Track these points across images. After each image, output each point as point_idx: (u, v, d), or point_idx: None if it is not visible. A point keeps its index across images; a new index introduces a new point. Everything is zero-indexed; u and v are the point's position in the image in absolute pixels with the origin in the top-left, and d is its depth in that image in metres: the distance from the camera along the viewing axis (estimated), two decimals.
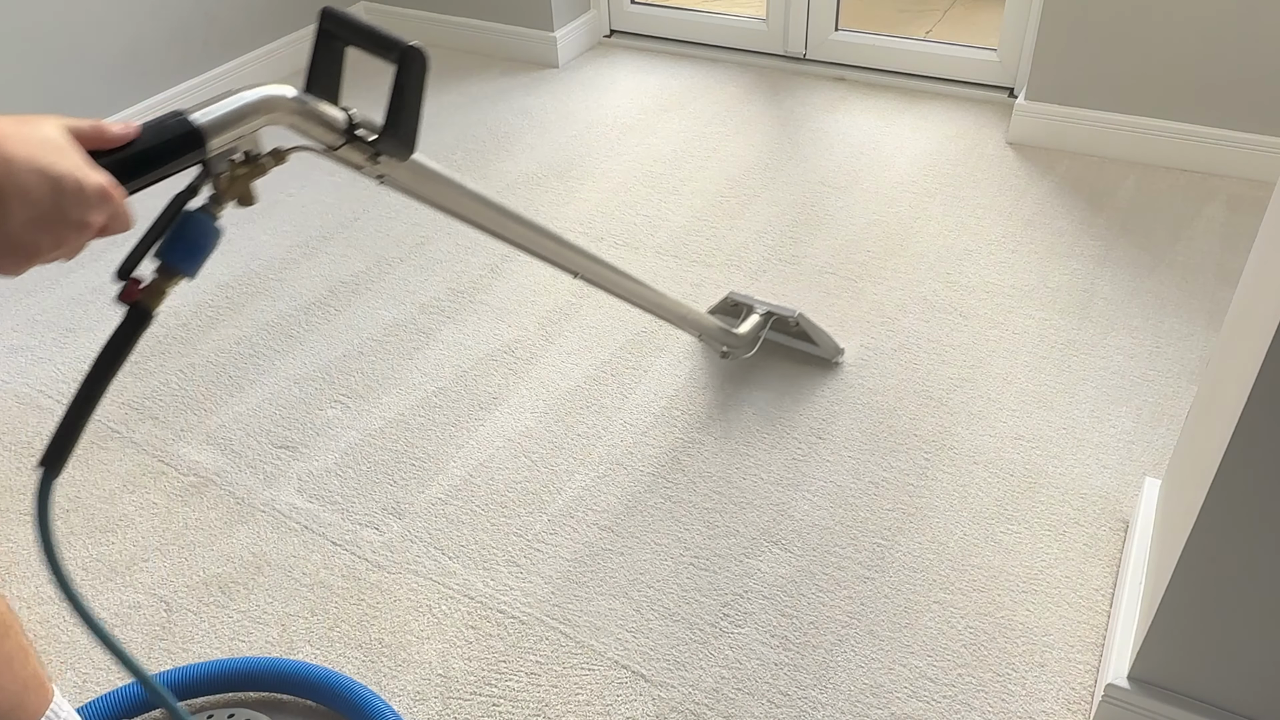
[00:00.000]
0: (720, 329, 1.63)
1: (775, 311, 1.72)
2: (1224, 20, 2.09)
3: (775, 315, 1.72)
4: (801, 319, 1.69)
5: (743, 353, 1.71)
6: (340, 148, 0.95)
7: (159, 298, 0.77)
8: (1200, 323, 1.82)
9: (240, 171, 0.84)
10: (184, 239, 0.79)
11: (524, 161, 2.45)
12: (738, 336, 1.67)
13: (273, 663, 1.25)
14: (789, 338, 1.77)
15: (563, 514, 1.50)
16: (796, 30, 2.81)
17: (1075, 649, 1.28)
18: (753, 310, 1.74)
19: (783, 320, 1.73)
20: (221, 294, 2.01)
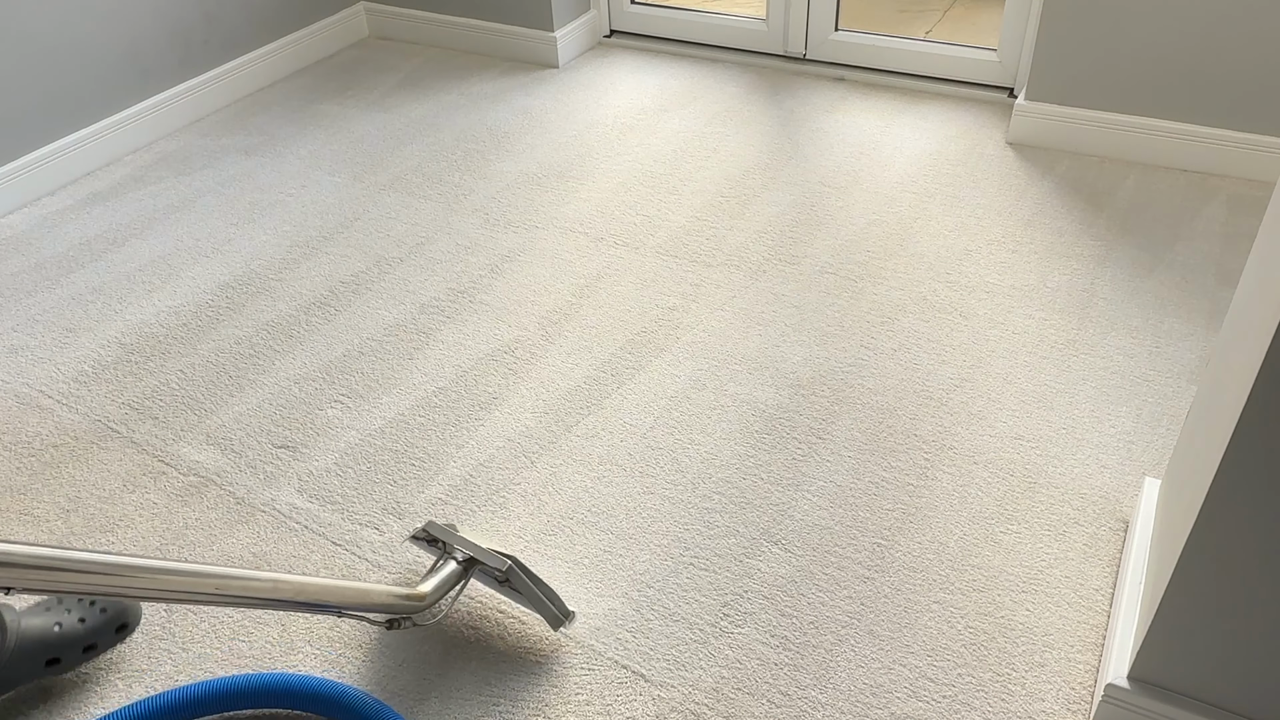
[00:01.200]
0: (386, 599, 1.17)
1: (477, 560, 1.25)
2: (1224, 20, 2.09)
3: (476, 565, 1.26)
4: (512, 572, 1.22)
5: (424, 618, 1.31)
6: None
7: None
8: (1200, 323, 1.82)
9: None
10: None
11: (524, 161, 2.45)
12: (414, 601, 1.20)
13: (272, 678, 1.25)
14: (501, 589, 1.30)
15: (562, 514, 1.50)
16: (796, 30, 2.82)
17: (1075, 649, 1.28)
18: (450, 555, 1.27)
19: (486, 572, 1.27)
20: (221, 294, 2.02)
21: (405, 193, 2.34)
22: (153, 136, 2.61)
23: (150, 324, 1.94)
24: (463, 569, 1.26)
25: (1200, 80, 2.18)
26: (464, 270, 2.06)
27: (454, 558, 1.26)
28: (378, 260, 2.10)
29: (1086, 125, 2.34)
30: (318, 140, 2.59)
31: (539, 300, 1.96)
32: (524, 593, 1.24)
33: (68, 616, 1.25)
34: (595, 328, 1.88)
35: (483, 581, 1.34)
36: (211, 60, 2.73)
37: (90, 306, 1.99)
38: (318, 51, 3.04)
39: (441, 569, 1.25)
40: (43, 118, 2.34)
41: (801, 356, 1.79)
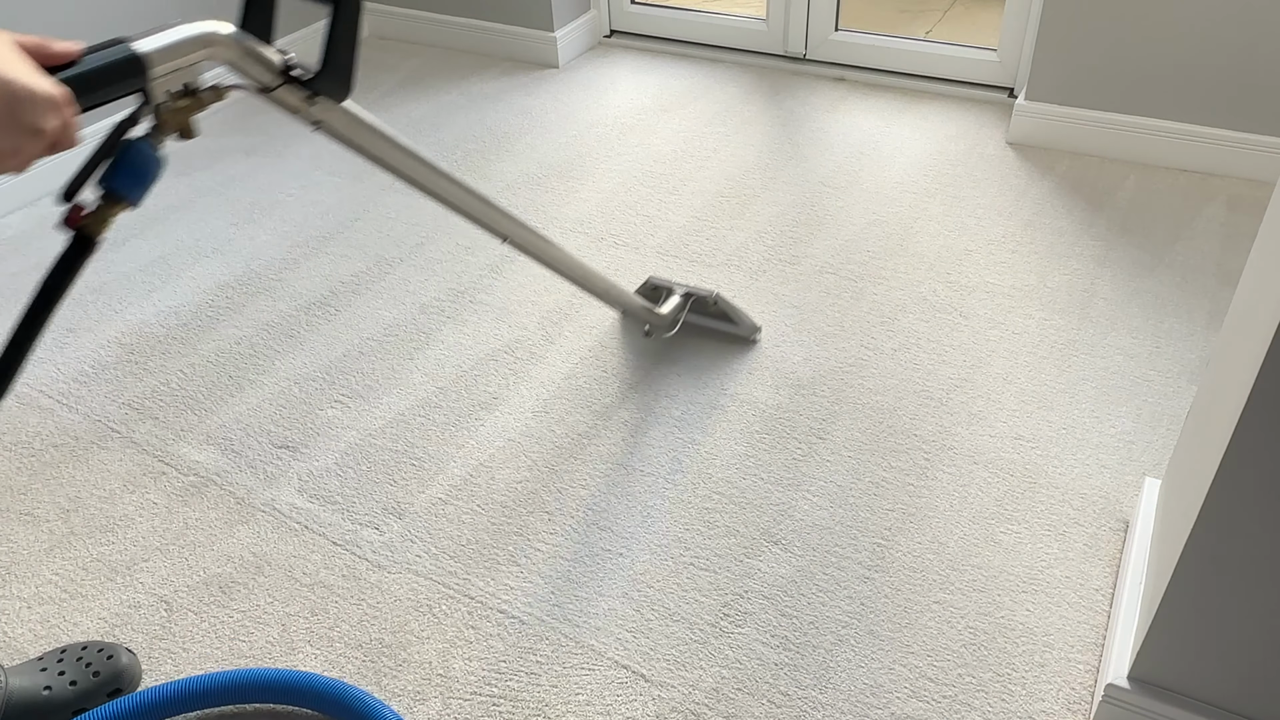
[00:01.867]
0: (642, 306, 1.69)
1: (694, 293, 1.78)
2: (1224, 20, 2.09)
3: (695, 296, 1.78)
4: (719, 299, 1.76)
5: (663, 332, 1.80)
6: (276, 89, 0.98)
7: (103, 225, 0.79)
8: (1200, 323, 1.82)
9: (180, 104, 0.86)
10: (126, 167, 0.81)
11: (524, 161, 2.45)
12: (660, 315, 1.74)
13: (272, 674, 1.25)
14: (709, 318, 1.84)
15: (562, 514, 1.50)
16: (796, 30, 2.82)
17: (1075, 649, 1.28)
18: (673, 292, 1.80)
19: (702, 301, 1.79)
20: (221, 294, 2.02)
21: (405, 193, 2.34)
22: None
23: (150, 324, 1.94)
24: (683, 299, 1.80)
25: (1200, 80, 2.18)
26: (464, 270, 2.06)
27: (676, 294, 1.80)
28: (378, 260, 2.11)
29: (1086, 125, 2.34)
30: (318, 140, 2.59)
31: (539, 300, 1.96)
32: (729, 312, 1.78)
33: (58, 680, 1.19)
34: (595, 328, 1.88)
35: (696, 310, 1.84)
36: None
37: (90, 306, 1.99)
38: (318, 52, 3.04)
39: (669, 301, 1.78)
40: None
41: (801, 356, 1.79)
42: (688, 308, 1.82)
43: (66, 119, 0.69)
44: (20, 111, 0.65)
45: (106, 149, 0.81)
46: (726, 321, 1.82)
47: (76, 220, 0.78)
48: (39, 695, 1.18)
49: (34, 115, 0.66)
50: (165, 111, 0.85)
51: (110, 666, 1.23)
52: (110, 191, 0.81)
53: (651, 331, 1.79)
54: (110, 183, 0.81)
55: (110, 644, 1.27)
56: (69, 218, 0.78)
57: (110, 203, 0.80)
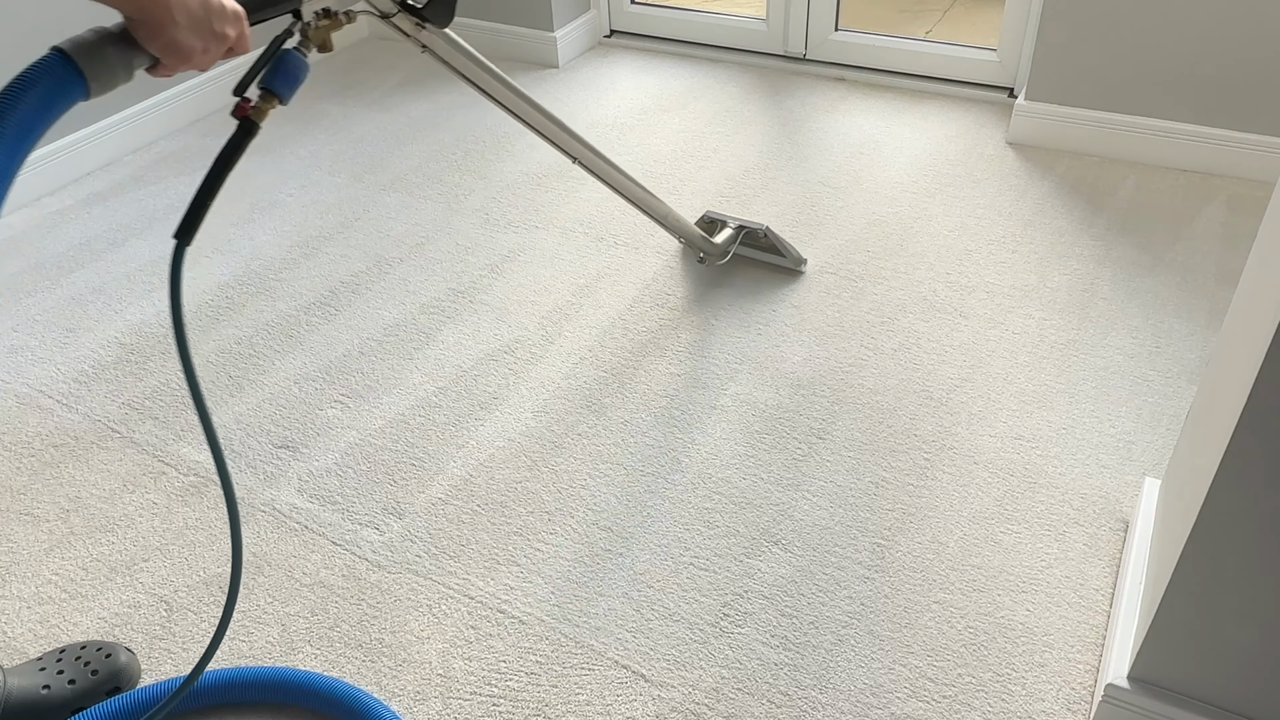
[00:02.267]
0: (699, 235, 1.84)
1: (746, 226, 1.93)
2: (1224, 20, 2.09)
3: (746, 229, 1.94)
4: (769, 231, 1.91)
5: (716, 260, 1.95)
6: (394, 15, 1.22)
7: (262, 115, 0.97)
8: (1200, 323, 1.82)
9: (323, 23, 1.08)
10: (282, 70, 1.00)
11: (524, 161, 2.45)
12: (714, 244, 1.90)
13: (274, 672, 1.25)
14: (758, 251, 2.00)
15: (563, 514, 1.50)
16: (796, 30, 2.82)
17: (1075, 649, 1.28)
18: (726, 225, 1.96)
19: (753, 233, 1.94)
20: (221, 294, 2.02)
21: (405, 193, 2.34)
22: (153, 136, 2.61)
23: (150, 324, 1.94)
24: (735, 231, 1.96)
25: (1200, 80, 2.18)
26: (464, 270, 2.06)
27: (730, 226, 1.97)
28: (378, 260, 2.11)
29: (1086, 125, 2.34)
30: (318, 140, 2.59)
31: (539, 300, 1.96)
32: (777, 244, 1.93)
33: (57, 679, 1.20)
34: (595, 327, 1.88)
35: (747, 242, 2.00)
36: None
37: (90, 306, 1.99)
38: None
39: (723, 232, 1.96)
40: None
41: (801, 356, 1.79)
42: (740, 239, 1.96)
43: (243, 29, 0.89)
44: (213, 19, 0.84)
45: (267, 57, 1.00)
46: (775, 254, 1.97)
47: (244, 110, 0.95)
48: (38, 694, 1.18)
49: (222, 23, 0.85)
50: (311, 29, 1.06)
51: (109, 665, 1.23)
52: (268, 90, 0.99)
53: (705, 259, 1.93)
54: (269, 83, 0.99)
55: (109, 643, 1.27)
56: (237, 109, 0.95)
57: (268, 98, 0.98)
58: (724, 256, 1.94)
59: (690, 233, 1.82)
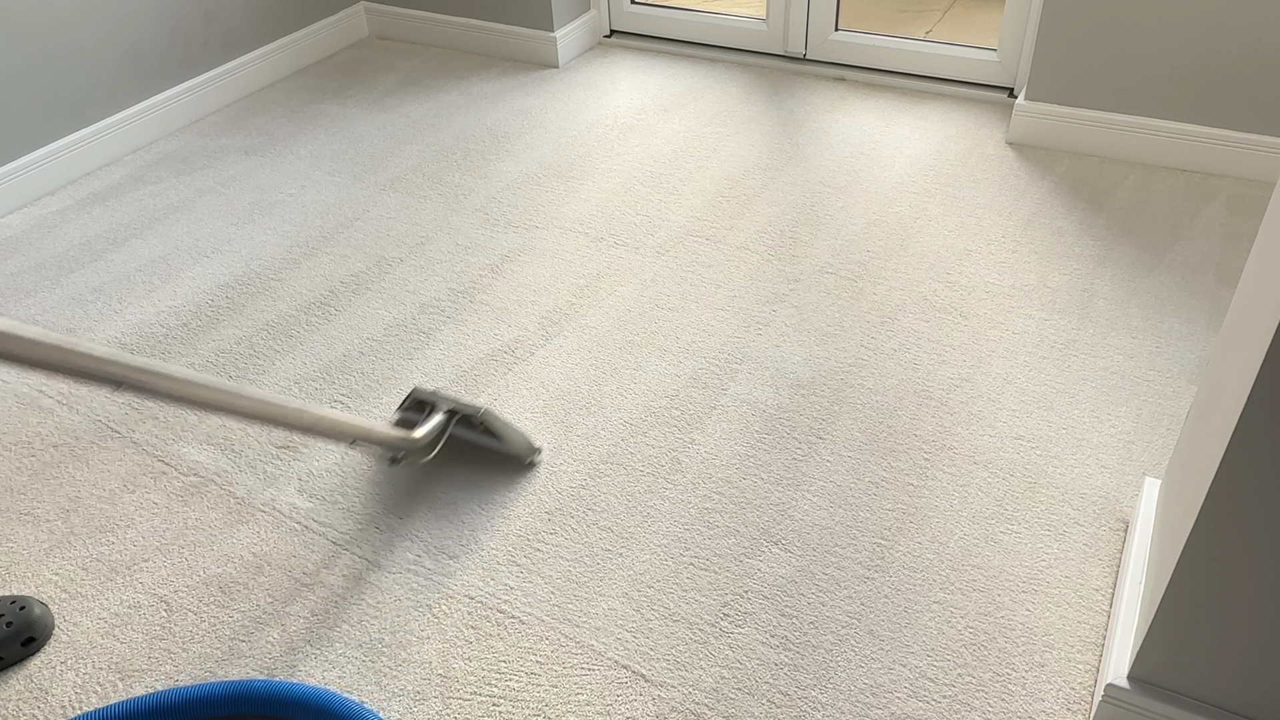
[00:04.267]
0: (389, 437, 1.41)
1: (459, 410, 1.53)
2: (1224, 20, 2.09)
3: (459, 414, 1.54)
4: (487, 415, 1.52)
5: (419, 457, 1.53)
6: None
7: None
8: (1200, 323, 1.82)
9: None
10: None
11: (524, 161, 2.45)
12: (411, 441, 1.46)
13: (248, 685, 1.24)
14: (478, 434, 1.58)
15: (563, 514, 1.50)
16: (796, 30, 2.82)
17: (1075, 649, 1.28)
18: (435, 408, 1.54)
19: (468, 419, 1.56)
20: (221, 294, 2.02)
21: (405, 193, 2.34)
22: (153, 136, 2.61)
23: (150, 324, 1.94)
24: (447, 418, 1.54)
25: (1200, 80, 2.18)
26: (464, 270, 2.06)
27: (440, 410, 1.54)
28: (378, 260, 2.11)
29: (1086, 125, 2.34)
30: (318, 140, 2.59)
31: (539, 300, 1.96)
32: (497, 431, 1.54)
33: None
34: (595, 328, 1.88)
35: (462, 430, 1.59)
36: (211, 60, 2.73)
37: (90, 306, 1.99)
38: (318, 51, 3.04)
39: (430, 420, 1.52)
40: (43, 118, 2.34)
41: (801, 356, 1.79)
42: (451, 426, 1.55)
43: None
44: None
45: None
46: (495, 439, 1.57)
47: None
48: None
49: None
50: None
51: (22, 617, 1.32)
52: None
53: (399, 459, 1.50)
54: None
55: (23, 596, 1.35)
56: None
57: None
58: (429, 452, 1.52)
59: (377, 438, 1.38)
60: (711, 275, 2.01)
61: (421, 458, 1.53)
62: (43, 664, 1.31)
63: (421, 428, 1.50)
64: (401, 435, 1.44)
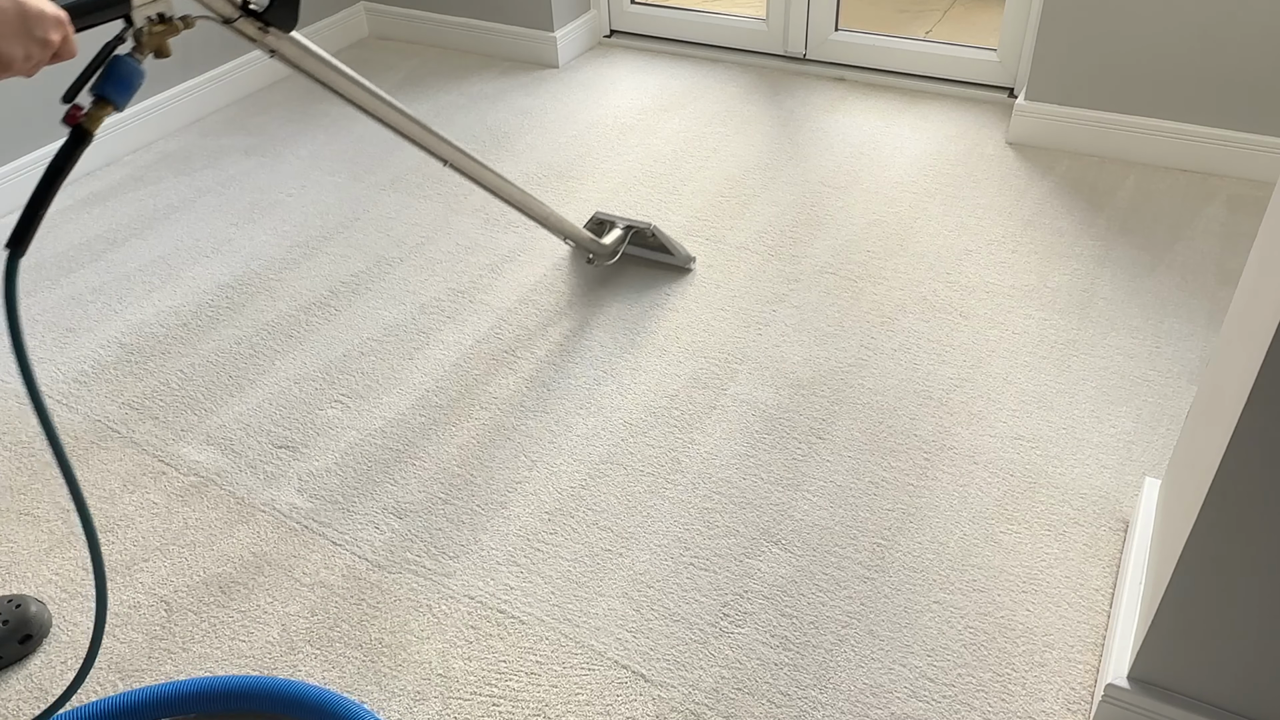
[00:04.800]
0: (586, 237, 1.86)
1: (634, 225, 1.96)
2: (1223, 20, 2.09)
3: (634, 229, 1.96)
4: (655, 230, 1.94)
5: (605, 260, 1.96)
6: (235, 20, 1.22)
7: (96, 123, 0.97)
8: (1200, 323, 1.82)
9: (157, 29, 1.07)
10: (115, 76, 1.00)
11: (524, 161, 2.45)
12: (602, 245, 1.92)
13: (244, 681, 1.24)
14: (647, 250, 2.01)
15: (563, 514, 1.50)
16: (796, 30, 2.82)
17: (1075, 649, 1.28)
18: (615, 225, 1.98)
19: (641, 233, 1.97)
20: (221, 294, 2.02)
21: (405, 193, 2.34)
22: (153, 136, 2.61)
23: (150, 324, 1.94)
24: (624, 231, 1.97)
25: (1200, 80, 2.18)
26: (464, 270, 2.06)
27: (618, 227, 1.98)
28: (378, 260, 2.11)
29: (1086, 125, 2.34)
30: (318, 140, 2.59)
31: (539, 300, 1.96)
32: (664, 241, 1.96)
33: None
34: (595, 327, 1.88)
35: (636, 241, 2.01)
36: (211, 60, 2.73)
37: (90, 306, 1.99)
38: None
39: (612, 233, 1.97)
40: (43, 118, 2.34)
41: (801, 356, 1.79)
42: (628, 238, 1.97)
43: (67, 34, 0.90)
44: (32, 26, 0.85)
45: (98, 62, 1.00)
46: (664, 252, 1.99)
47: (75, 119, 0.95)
48: None
49: (43, 29, 0.86)
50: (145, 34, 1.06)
51: (19, 615, 1.32)
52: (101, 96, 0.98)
53: (595, 259, 1.95)
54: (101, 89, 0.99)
55: (19, 595, 1.36)
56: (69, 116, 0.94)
57: (101, 105, 0.98)
58: (613, 256, 1.95)
59: (576, 234, 1.84)
60: (711, 275, 2.01)
61: (608, 260, 1.97)
62: (43, 664, 1.31)
63: (608, 236, 1.95)
64: (596, 240, 1.90)
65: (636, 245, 2.02)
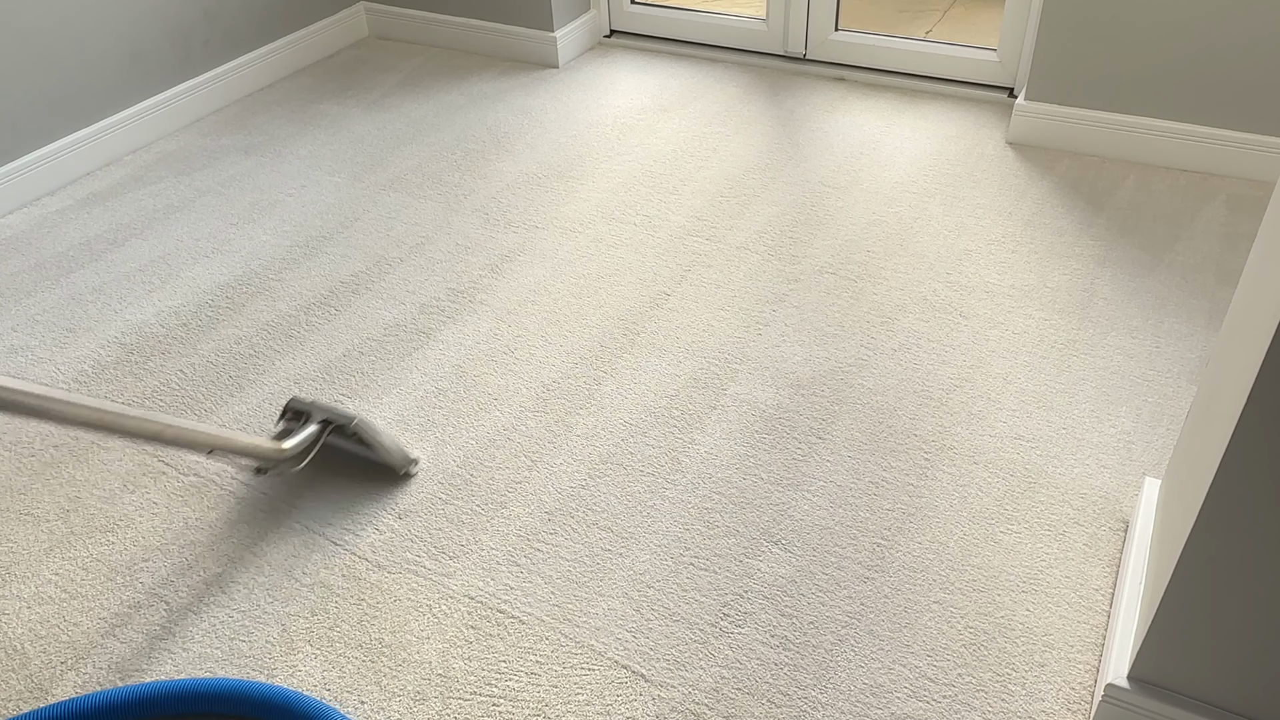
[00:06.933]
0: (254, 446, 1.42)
1: (333, 419, 1.54)
2: (1223, 20, 2.09)
3: (334, 423, 1.54)
4: (359, 425, 1.52)
5: (289, 467, 1.54)
6: None
7: None
8: (1200, 323, 1.82)
9: None
10: None
11: (524, 161, 2.45)
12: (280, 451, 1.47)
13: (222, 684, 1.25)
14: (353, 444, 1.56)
15: (563, 514, 1.50)
16: (796, 30, 2.82)
17: (1075, 649, 1.28)
18: (310, 418, 1.55)
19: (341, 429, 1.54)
20: (221, 294, 2.02)
21: (405, 193, 2.34)
22: (153, 136, 2.61)
23: (150, 324, 1.94)
24: (320, 427, 1.55)
25: (1200, 80, 2.18)
26: (464, 270, 2.06)
27: (314, 420, 1.55)
28: (378, 260, 2.11)
29: (1086, 125, 2.34)
30: (318, 140, 2.59)
31: (539, 300, 1.96)
32: (369, 442, 1.54)
33: None
34: (595, 328, 1.88)
35: (339, 440, 1.57)
36: (211, 60, 2.73)
37: (90, 306, 1.99)
38: (318, 51, 3.04)
39: (303, 430, 1.53)
40: (43, 118, 2.34)
41: (801, 356, 1.79)
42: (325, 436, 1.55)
43: None
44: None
45: None
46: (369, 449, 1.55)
47: None
48: None
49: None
50: None
51: None
52: None
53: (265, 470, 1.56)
54: None
55: None
56: None
57: None
58: (300, 461, 1.53)
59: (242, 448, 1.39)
60: (711, 275, 2.01)
61: (292, 467, 1.54)
62: (43, 664, 1.31)
63: (293, 438, 1.50)
64: (269, 445, 1.44)
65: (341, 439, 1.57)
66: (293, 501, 1.54)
